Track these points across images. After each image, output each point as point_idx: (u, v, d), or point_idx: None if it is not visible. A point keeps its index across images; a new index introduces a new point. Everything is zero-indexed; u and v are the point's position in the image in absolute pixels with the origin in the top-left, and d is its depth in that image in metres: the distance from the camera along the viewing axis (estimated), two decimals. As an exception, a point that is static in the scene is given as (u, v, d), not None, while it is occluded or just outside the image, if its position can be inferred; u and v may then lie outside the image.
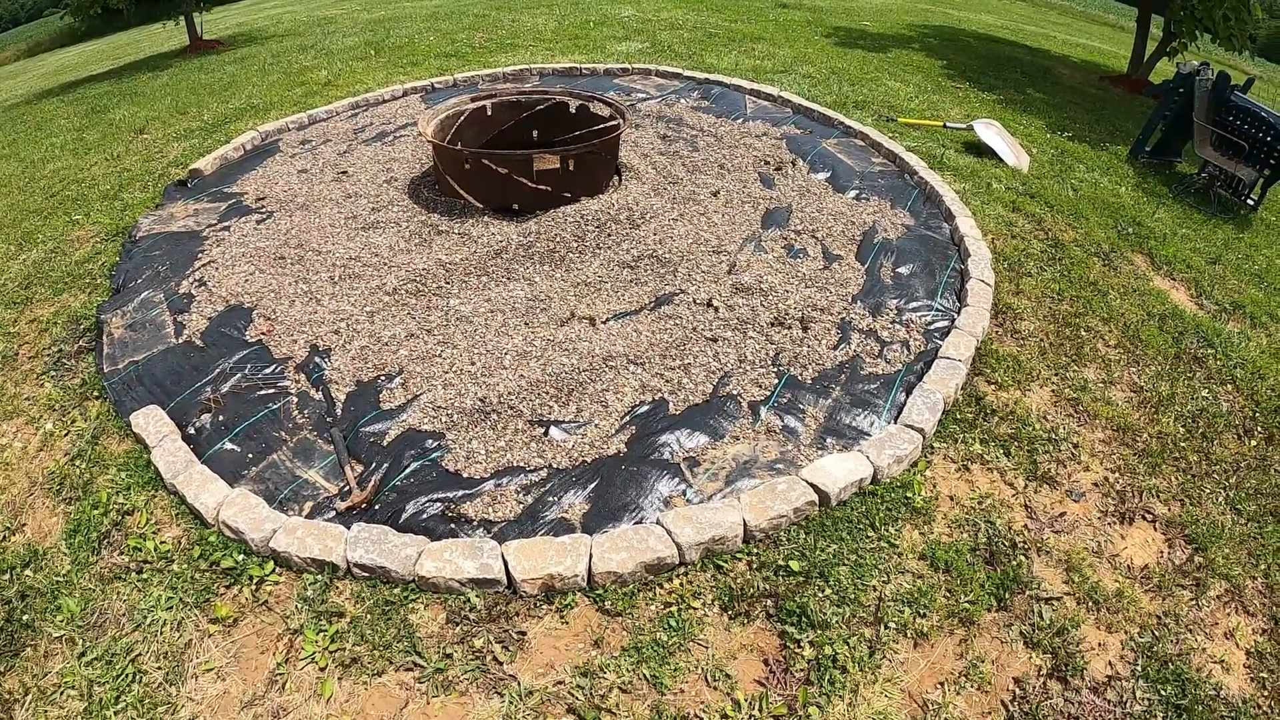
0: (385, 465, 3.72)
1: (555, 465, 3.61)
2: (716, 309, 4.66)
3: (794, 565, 3.18)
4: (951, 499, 3.63)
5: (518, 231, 5.48)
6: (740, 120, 7.73)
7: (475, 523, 3.34)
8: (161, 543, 3.53)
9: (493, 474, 3.59)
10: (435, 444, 3.79)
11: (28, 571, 3.47)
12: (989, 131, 7.51)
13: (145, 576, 3.39)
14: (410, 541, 3.17)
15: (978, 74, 10.80)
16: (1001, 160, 7.34)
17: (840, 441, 3.78)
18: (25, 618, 3.25)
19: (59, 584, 3.40)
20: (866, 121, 7.86)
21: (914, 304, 4.83)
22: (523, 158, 5.51)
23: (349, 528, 3.26)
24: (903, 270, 5.16)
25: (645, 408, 3.94)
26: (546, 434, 3.82)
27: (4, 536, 3.70)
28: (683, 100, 8.49)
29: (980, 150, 7.48)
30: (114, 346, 4.71)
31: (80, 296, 5.40)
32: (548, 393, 4.05)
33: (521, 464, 3.63)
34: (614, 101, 6.53)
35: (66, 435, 4.22)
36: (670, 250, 5.20)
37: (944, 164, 7.06)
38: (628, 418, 3.88)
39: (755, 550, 3.27)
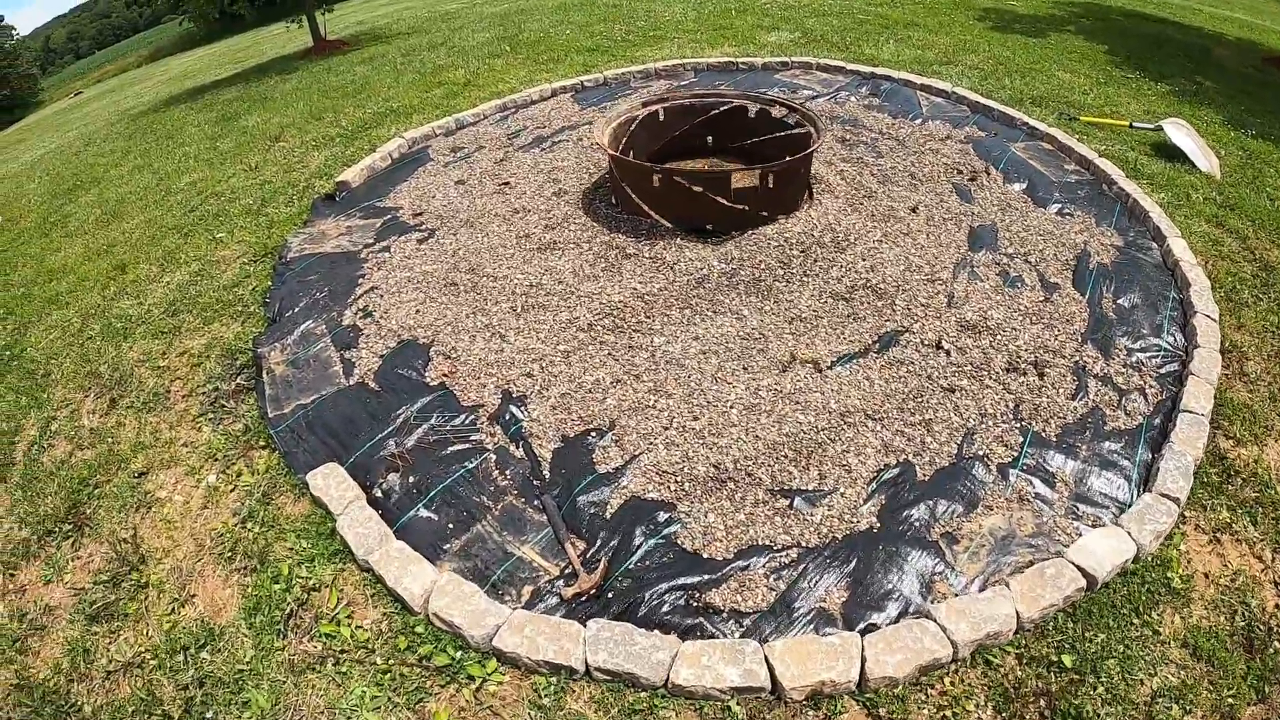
0: (613, 542, 3.44)
1: (805, 543, 3.38)
2: (947, 352, 4.41)
3: (1066, 660, 3.01)
4: (1206, 576, 3.42)
5: (717, 256, 5.14)
6: (919, 120, 7.47)
7: (724, 614, 3.13)
8: (359, 629, 3.27)
9: (736, 554, 3.35)
10: (667, 517, 3.53)
11: (204, 654, 3.26)
12: (1179, 133, 7.04)
13: (344, 669, 3.13)
14: (661, 644, 2.96)
15: (1142, 60, 10.13)
16: (1194, 165, 6.80)
17: (1093, 510, 3.58)
18: (208, 714, 3.02)
19: (243, 673, 3.17)
20: (1049, 120, 7.58)
21: (1141, 343, 4.58)
22: (720, 174, 5.21)
23: (585, 624, 3.06)
24: (1123, 302, 4.90)
25: (891, 472, 3.69)
26: (791, 506, 3.53)
27: (172, 609, 3.50)
28: (852, 97, 8.18)
29: (1170, 153, 7.03)
30: (276, 386, 4.52)
31: (232, 326, 5.28)
32: (786, 456, 3.76)
33: (767, 541, 3.39)
34: (799, 106, 6.16)
35: (233, 491, 4.03)
36: (883, 279, 4.94)
37: (1138, 171, 6.68)
38: (874, 484, 3.64)
39: (1024, 642, 3.10)
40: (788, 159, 5.35)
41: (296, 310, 5.15)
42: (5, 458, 4.65)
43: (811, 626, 3.07)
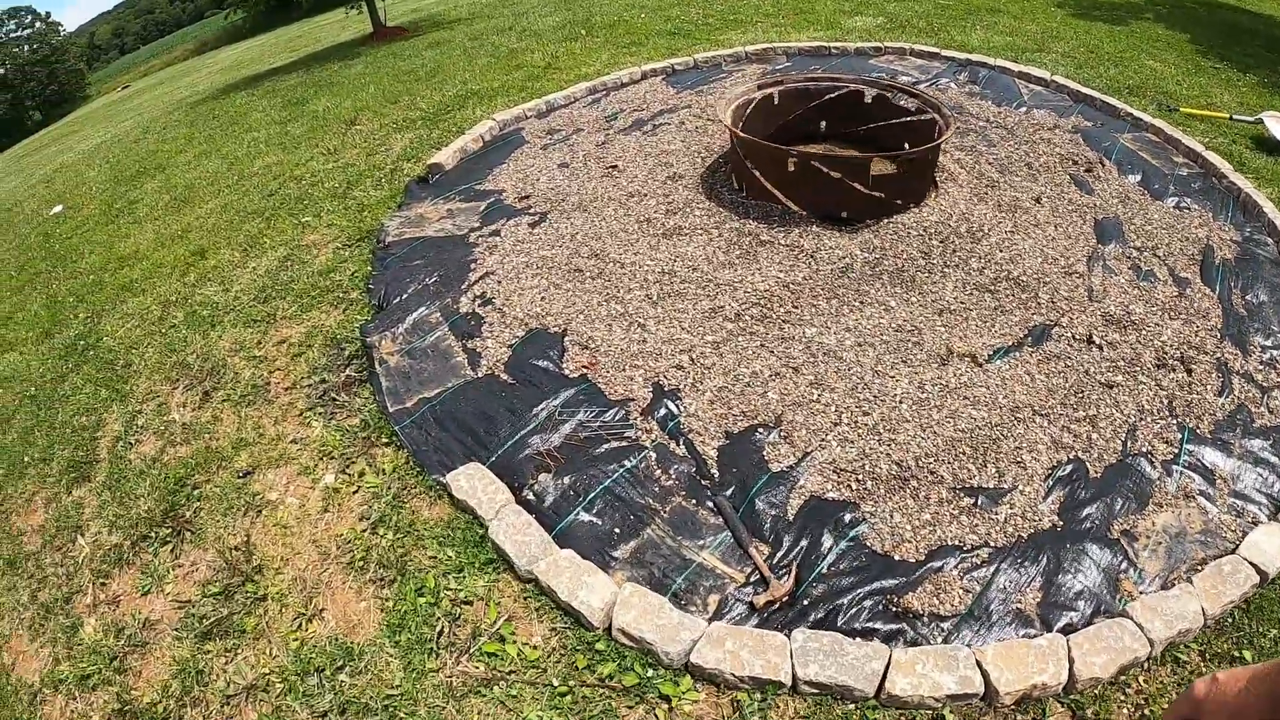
0: (802, 544, 3.25)
1: (993, 543, 3.29)
2: (1100, 346, 4.29)
3: (1247, 656, 2.97)
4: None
5: (858, 245, 4.95)
6: (1022, 109, 7.29)
7: (924, 618, 3.03)
8: (528, 646, 2.97)
9: (927, 555, 3.23)
10: (851, 517, 3.36)
11: (343, 677, 2.96)
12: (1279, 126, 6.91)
13: (514, 691, 2.83)
14: (874, 652, 2.84)
15: (1224, 48, 9.96)
16: None
17: (1251, 507, 3.55)
18: (357, 746, 2.71)
19: (394, 699, 2.87)
20: (1148, 110, 7.47)
21: (1273, 339, 4.52)
22: (859, 160, 5.05)
23: (789, 635, 2.89)
24: (1250, 298, 4.84)
25: (1064, 469, 3.60)
26: (976, 504, 3.42)
27: (298, 625, 3.19)
28: (952, 84, 7.96)
29: (1270, 147, 6.88)
30: (393, 379, 4.22)
31: (333, 314, 4.99)
32: (963, 452, 3.63)
33: (956, 542, 3.28)
34: (920, 93, 5.93)
35: (356, 493, 3.72)
36: (1024, 271, 4.80)
37: (1244, 164, 6.50)
38: (1050, 481, 3.54)
39: (1206, 639, 3.06)
40: (924, 146, 5.18)
41: (405, 297, 4.87)
42: (88, 454, 4.40)
43: (1010, 628, 3.00)
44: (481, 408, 3.95)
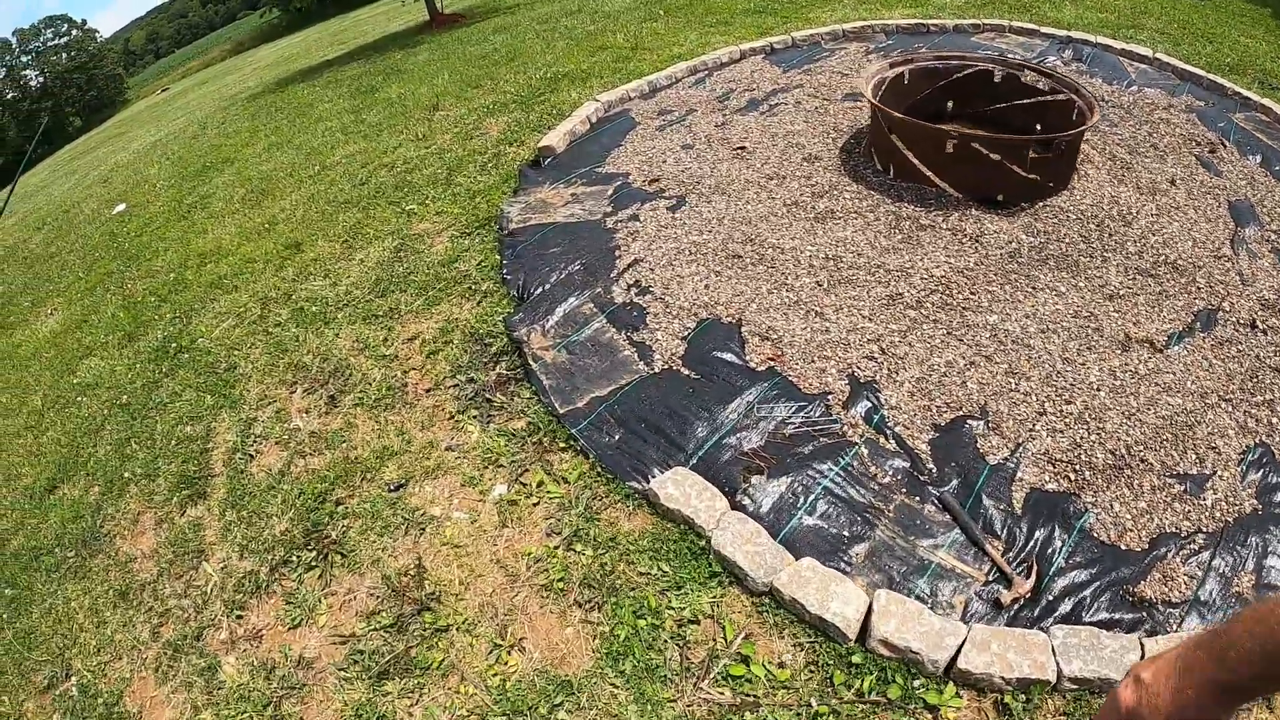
0: (1037, 537, 3.18)
1: (1204, 528, 3.30)
2: (1264, 331, 4.27)
3: None
4: None
5: (1021, 229, 4.89)
6: (1133, 88, 7.25)
7: (1158, 606, 3.03)
8: (774, 665, 2.78)
9: (1150, 544, 3.22)
10: (1074, 508, 3.31)
11: (562, 714, 2.74)
12: None
13: (769, 716, 2.64)
14: (1128, 644, 2.80)
15: None
16: None
17: None
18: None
19: None
20: (1253, 89, 7.39)
21: None
22: (1017, 142, 4.99)
23: (1046, 631, 2.85)
24: None
25: (1254, 454, 3.61)
26: (1185, 490, 3.44)
27: (495, 657, 2.95)
28: (1058, 62, 7.80)
29: None
30: (555, 376, 4.05)
31: (466, 306, 4.81)
32: (1166, 439, 3.63)
33: (1173, 529, 3.29)
34: (1056, 73, 5.85)
35: (536, 505, 3.49)
36: (1178, 255, 4.78)
37: None
38: (1243, 466, 3.56)
39: None
40: (1078, 129, 5.15)
41: (549, 287, 4.70)
42: (200, 468, 4.17)
43: (1234, 611, 2.92)
44: (667, 405, 3.77)
